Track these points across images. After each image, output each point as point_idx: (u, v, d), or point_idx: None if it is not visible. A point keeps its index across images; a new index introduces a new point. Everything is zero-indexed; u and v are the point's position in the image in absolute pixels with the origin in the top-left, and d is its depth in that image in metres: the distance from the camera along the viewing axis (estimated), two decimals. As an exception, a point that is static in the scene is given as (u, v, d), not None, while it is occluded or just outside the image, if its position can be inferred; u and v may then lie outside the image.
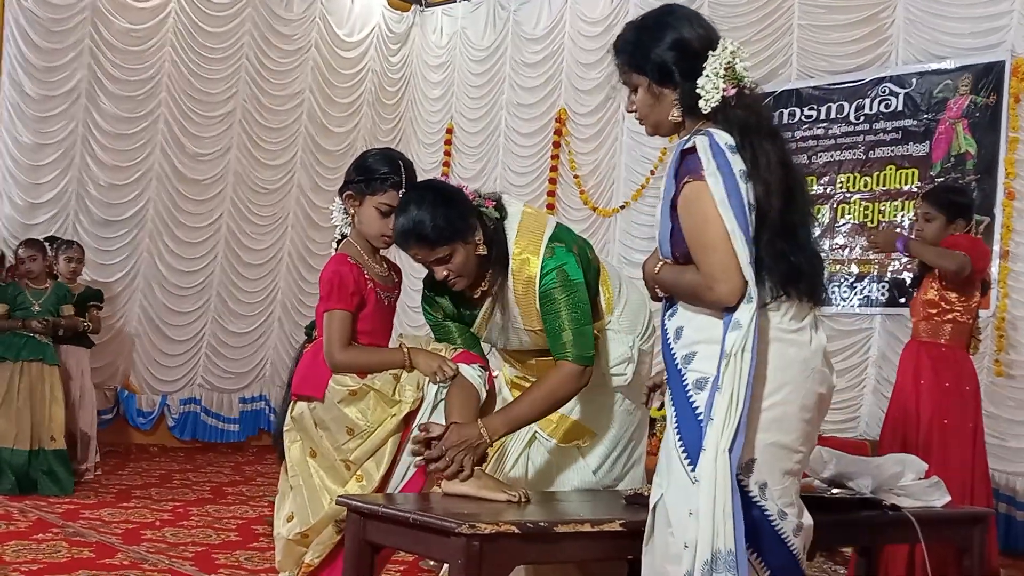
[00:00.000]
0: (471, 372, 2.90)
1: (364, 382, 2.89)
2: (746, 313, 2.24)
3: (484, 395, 2.91)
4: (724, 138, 2.33)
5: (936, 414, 4.56)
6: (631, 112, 2.55)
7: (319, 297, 3.02)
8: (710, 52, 2.38)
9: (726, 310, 2.27)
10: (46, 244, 7.20)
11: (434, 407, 2.90)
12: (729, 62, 2.36)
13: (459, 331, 3.08)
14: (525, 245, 2.91)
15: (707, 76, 2.36)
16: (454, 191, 2.93)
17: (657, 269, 2.47)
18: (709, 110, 2.36)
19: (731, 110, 2.37)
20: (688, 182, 2.33)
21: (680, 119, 2.44)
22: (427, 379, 2.91)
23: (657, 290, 2.52)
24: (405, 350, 2.95)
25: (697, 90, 2.36)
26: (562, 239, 2.93)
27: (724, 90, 2.35)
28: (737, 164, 2.31)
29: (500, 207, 2.97)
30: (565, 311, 2.85)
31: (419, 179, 3.09)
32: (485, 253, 2.88)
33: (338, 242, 3.15)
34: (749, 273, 2.25)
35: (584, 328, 2.87)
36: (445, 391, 2.89)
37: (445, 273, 2.85)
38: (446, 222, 2.79)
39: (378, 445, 2.88)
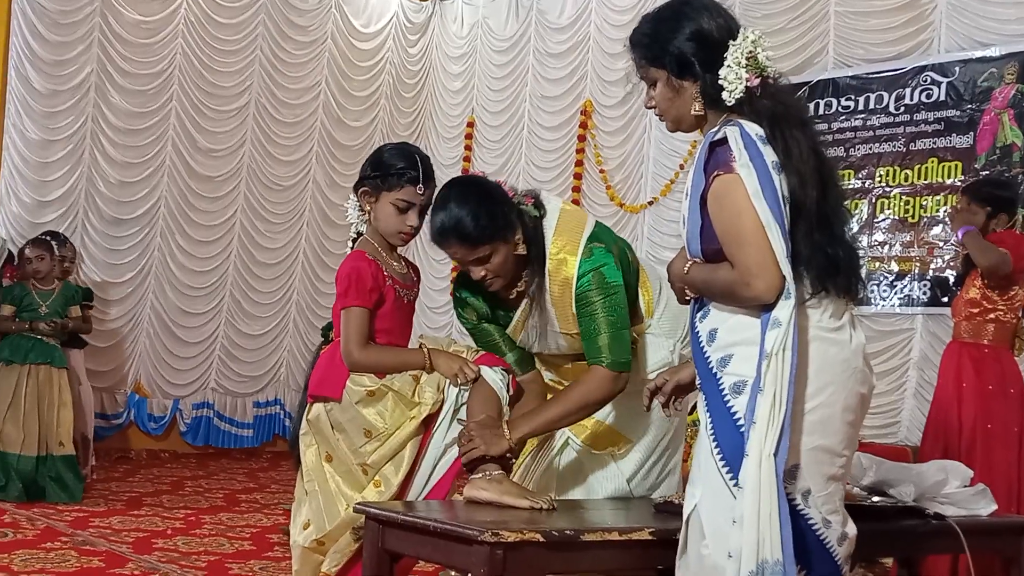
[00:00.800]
0: (493, 375, 2.89)
1: (382, 383, 2.89)
2: (785, 310, 2.23)
3: (506, 399, 2.90)
4: (754, 129, 2.32)
5: (979, 418, 4.53)
6: (650, 108, 2.54)
7: (336, 295, 3.01)
8: (730, 42, 2.36)
9: (763, 308, 2.26)
10: (53, 243, 7.25)
11: (455, 411, 2.90)
12: (751, 51, 2.35)
13: (498, 332, 3.07)
14: (563, 245, 2.89)
15: (729, 66, 2.34)
16: (495, 188, 2.92)
17: (686, 269, 2.45)
18: (733, 101, 2.35)
19: (757, 100, 2.35)
20: (719, 175, 2.31)
21: (702, 112, 2.43)
22: (447, 381, 2.90)
23: (686, 291, 2.51)
24: (425, 351, 2.94)
25: (720, 81, 2.35)
26: (601, 239, 2.91)
27: (747, 80, 2.33)
28: (769, 155, 2.29)
29: (539, 204, 2.96)
30: (602, 314, 2.84)
31: (437, 174, 3.09)
32: (524, 253, 2.87)
33: (354, 240, 3.15)
34: (787, 268, 2.23)
35: (621, 332, 2.86)
36: (466, 394, 2.89)
37: (483, 273, 2.85)
38: (489, 220, 2.79)
39: (397, 449, 2.88)
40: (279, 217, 9.76)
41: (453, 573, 4.67)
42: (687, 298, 2.52)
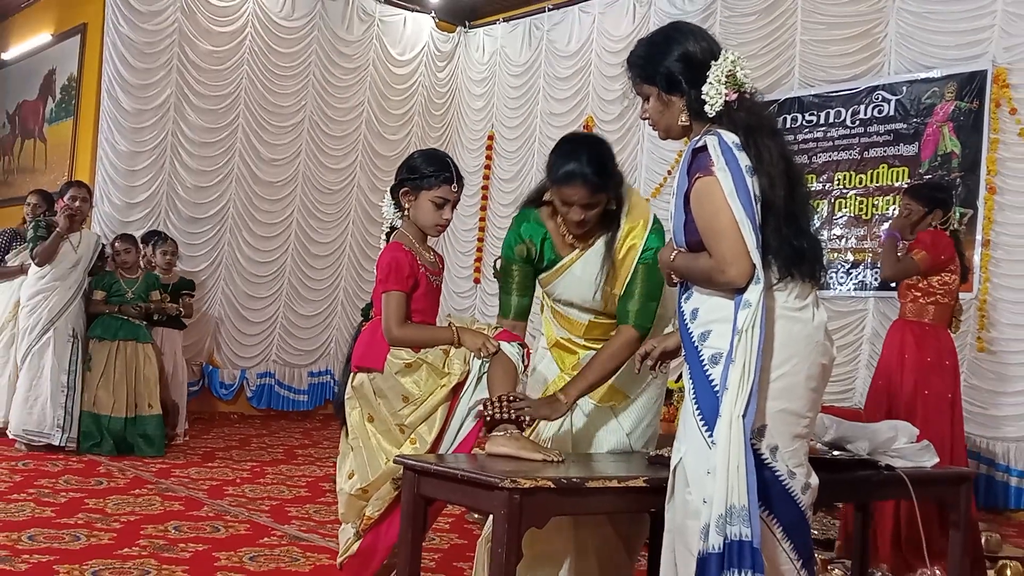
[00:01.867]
0: (511, 349, 2.87)
1: (418, 356, 2.87)
2: (755, 293, 2.22)
3: (522, 368, 2.88)
4: (731, 137, 2.30)
5: (919, 385, 4.47)
6: (645, 119, 2.51)
7: (376, 280, 2.98)
8: (713, 62, 2.34)
9: (737, 291, 2.24)
10: (137, 238, 7.27)
11: (479, 379, 2.89)
12: (730, 70, 2.32)
13: (520, 276, 3.00)
14: (637, 217, 2.89)
15: (711, 83, 2.32)
16: (611, 150, 2.91)
17: (672, 257, 2.44)
18: (714, 113, 2.33)
19: (735, 113, 2.33)
20: (700, 177, 2.30)
21: (688, 123, 2.41)
22: (472, 354, 2.89)
23: (673, 276, 2.50)
24: (454, 328, 2.93)
25: (702, 96, 2.33)
26: (660, 226, 2.92)
27: (726, 95, 2.31)
28: (743, 160, 2.27)
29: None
30: (648, 284, 2.86)
31: (463, 178, 3.06)
32: (614, 208, 2.87)
33: (388, 234, 3.11)
34: (756, 257, 2.22)
35: (653, 303, 2.88)
36: (487, 365, 2.88)
37: (583, 216, 2.83)
38: (609, 175, 2.80)
39: (430, 412, 2.87)
40: (329, 216, 9.76)
41: (476, 515, 4.70)
42: (673, 282, 2.52)
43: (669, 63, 2.39)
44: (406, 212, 3.02)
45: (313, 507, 5.16)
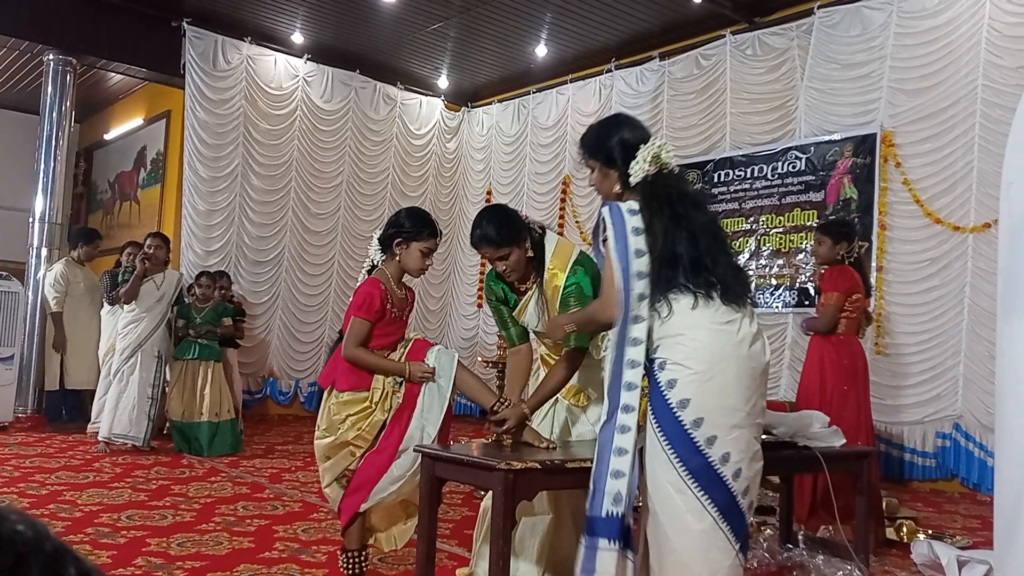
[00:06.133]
0: (442, 353, 2.85)
1: (359, 394, 2.88)
2: (641, 330, 2.27)
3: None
4: (627, 206, 2.32)
5: (838, 384, 4.45)
6: (592, 186, 2.56)
7: (350, 304, 2.90)
8: (643, 145, 2.37)
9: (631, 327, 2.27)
10: (213, 274, 7.21)
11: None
12: (656, 152, 2.35)
13: (507, 312, 2.99)
14: (556, 264, 2.84)
15: (637, 161, 2.35)
16: (513, 211, 2.89)
17: (568, 319, 2.56)
18: (635, 184, 2.36)
19: (651, 185, 2.34)
20: (604, 240, 2.38)
21: (620, 191, 2.43)
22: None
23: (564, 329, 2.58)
24: (407, 365, 2.83)
25: (629, 171, 2.36)
26: (583, 263, 2.85)
27: (648, 171, 2.34)
28: (631, 223, 2.29)
29: (543, 228, 2.94)
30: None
31: (465, 227, 3.06)
32: (532, 255, 2.84)
33: (369, 270, 3.03)
34: (622, 299, 2.26)
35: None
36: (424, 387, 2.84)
37: (504, 267, 2.82)
38: (506, 231, 2.78)
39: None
40: (363, 258, 9.67)
41: (482, 491, 4.66)
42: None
43: (610, 144, 2.42)
44: (397, 256, 2.94)
45: (353, 488, 5.11)
